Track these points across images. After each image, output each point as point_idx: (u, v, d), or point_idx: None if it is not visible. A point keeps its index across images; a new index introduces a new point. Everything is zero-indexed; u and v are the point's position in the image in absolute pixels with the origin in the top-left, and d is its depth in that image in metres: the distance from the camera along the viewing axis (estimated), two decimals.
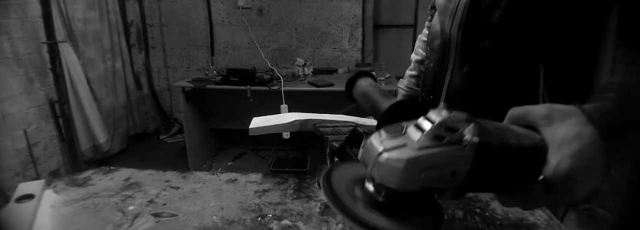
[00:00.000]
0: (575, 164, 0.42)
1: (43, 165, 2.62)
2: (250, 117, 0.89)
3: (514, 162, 0.42)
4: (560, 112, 0.47)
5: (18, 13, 2.40)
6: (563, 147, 0.43)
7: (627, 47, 0.55)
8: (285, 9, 3.45)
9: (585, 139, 0.44)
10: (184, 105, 2.88)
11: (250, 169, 3.07)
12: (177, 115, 3.89)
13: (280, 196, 0.73)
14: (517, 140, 0.42)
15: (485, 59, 0.69)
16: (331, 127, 0.79)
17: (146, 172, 0.84)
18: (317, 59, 3.56)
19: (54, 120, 2.69)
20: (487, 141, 0.39)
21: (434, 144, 0.38)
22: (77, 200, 0.71)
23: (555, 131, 0.45)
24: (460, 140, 0.39)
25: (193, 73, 3.59)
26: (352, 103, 0.63)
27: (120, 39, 3.29)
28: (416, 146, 0.38)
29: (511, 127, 0.45)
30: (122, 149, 3.36)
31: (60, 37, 2.65)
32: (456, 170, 0.39)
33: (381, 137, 0.40)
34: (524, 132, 0.44)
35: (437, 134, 0.38)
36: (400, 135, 0.40)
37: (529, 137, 0.44)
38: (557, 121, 0.45)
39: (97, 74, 3.04)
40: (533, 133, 0.45)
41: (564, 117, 0.46)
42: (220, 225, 0.63)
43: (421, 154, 0.38)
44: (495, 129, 0.42)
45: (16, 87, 2.41)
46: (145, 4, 3.59)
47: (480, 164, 0.39)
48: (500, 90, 0.68)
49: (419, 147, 0.38)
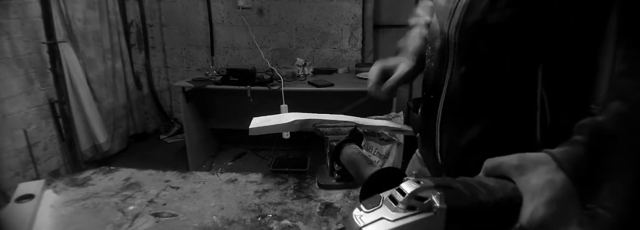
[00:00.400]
0: (549, 211, 0.45)
1: (43, 165, 2.62)
2: (250, 117, 0.89)
3: (487, 216, 0.46)
4: (531, 161, 0.49)
5: (18, 13, 2.40)
6: (536, 196, 0.46)
7: (627, 48, 0.55)
8: (285, 9, 3.45)
9: (557, 185, 0.47)
10: (184, 105, 2.88)
11: (250, 169, 3.07)
12: (177, 115, 3.89)
13: (280, 196, 0.73)
14: (488, 196, 0.46)
15: (483, 59, 0.69)
16: (331, 127, 0.79)
17: (146, 172, 0.84)
18: (317, 59, 3.56)
19: (54, 120, 2.69)
20: (456, 205, 0.44)
21: (407, 214, 0.42)
22: (77, 200, 0.72)
23: (528, 181, 0.48)
24: (431, 207, 0.43)
25: (193, 73, 3.59)
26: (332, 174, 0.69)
27: (120, 39, 3.29)
28: (391, 218, 0.42)
29: (484, 180, 0.49)
30: (122, 149, 3.36)
31: (60, 37, 2.65)
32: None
33: (360, 212, 0.44)
34: (497, 184, 0.48)
35: (409, 204, 0.43)
36: (377, 208, 0.44)
37: (502, 189, 0.48)
38: (528, 171, 0.48)
39: (97, 74, 3.04)
40: (506, 183, 0.49)
41: (534, 165, 0.49)
42: (220, 225, 0.63)
43: (396, 226, 0.42)
44: (466, 188, 0.46)
45: (16, 87, 2.41)
46: (145, 4, 3.59)
47: (453, 226, 0.43)
48: (498, 91, 0.69)
49: (394, 219, 0.42)
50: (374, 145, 2.46)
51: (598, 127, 0.53)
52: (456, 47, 0.71)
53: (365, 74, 3.07)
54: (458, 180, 0.48)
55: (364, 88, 3.23)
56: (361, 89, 2.80)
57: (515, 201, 0.46)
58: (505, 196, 0.46)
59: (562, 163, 0.49)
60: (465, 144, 0.73)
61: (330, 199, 0.90)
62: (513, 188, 0.48)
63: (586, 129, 0.53)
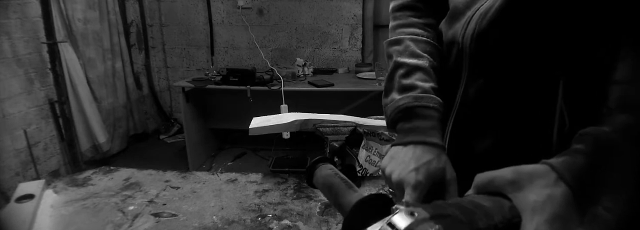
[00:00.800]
0: (551, 228, 0.42)
1: (43, 165, 2.62)
2: (250, 117, 0.89)
3: None
4: (527, 174, 0.46)
5: (18, 13, 2.40)
6: (536, 214, 0.43)
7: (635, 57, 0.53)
8: (285, 9, 3.45)
9: (557, 200, 0.44)
10: (184, 105, 2.88)
11: (250, 169, 3.07)
12: (177, 115, 3.89)
13: (280, 196, 0.73)
14: (487, 221, 0.42)
15: (502, 71, 0.65)
16: (331, 127, 0.79)
17: (146, 172, 0.84)
18: (317, 59, 3.56)
19: (54, 120, 2.69)
20: None
21: None
22: (77, 200, 0.72)
23: (525, 197, 0.44)
24: None
25: (193, 73, 3.59)
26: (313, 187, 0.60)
27: (120, 39, 3.29)
28: None
29: (478, 200, 0.45)
30: (122, 149, 3.36)
31: (60, 37, 2.65)
32: None
33: None
34: (493, 204, 0.44)
35: None
36: None
37: (499, 211, 0.44)
38: (525, 186, 0.45)
39: (97, 74, 3.04)
40: (502, 202, 0.45)
41: (531, 179, 0.45)
42: (220, 225, 0.63)
43: None
44: (462, 213, 0.42)
45: (16, 87, 2.41)
46: (145, 4, 3.59)
47: None
48: (516, 103, 0.65)
49: None
50: (373, 145, 2.45)
51: (604, 137, 0.50)
52: (470, 58, 0.67)
53: (366, 74, 3.07)
54: (451, 203, 0.44)
55: (364, 88, 3.23)
56: (361, 89, 2.80)
57: (514, 221, 0.43)
58: (504, 218, 0.43)
59: (563, 174, 0.46)
60: (476, 155, 0.69)
61: None
62: (510, 207, 0.44)
63: (589, 139, 0.50)
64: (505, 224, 0.43)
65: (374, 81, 2.78)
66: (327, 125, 0.80)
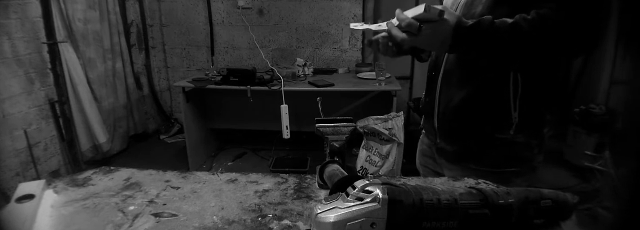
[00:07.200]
0: (425, 36, 0.82)
1: (43, 165, 2.62)
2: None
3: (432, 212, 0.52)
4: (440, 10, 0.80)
5: (18, 13, 2.40)
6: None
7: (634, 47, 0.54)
8: (285, 9, 3.45)
9: (441, 29, 0.81)
10: (184, 105, 2.88)
11: (250, 169, 3.07)
12: (177, 115, 3.89)
13: (280, 196, 0.73)
14: (432, 195, 0.53)
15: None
16: (331, 127, 0.79)
17: (146, 172, 0.83)
18: (317, 59, 3.56)
19: (54, 120, 2.69)
20: (398, 198, 0.51)
21: (355, 203, 0.51)
22: (78, 200, 0.71)
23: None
24: (376, 198, 0.51)
25: (193, 73, 3.59)
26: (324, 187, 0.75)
27: (120, 39, 3.29)
28: (342, 207, 0.51)
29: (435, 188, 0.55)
30: (122, 149, 3.36)
31: (61, 37, 2.65)
32: (374, 221, 0.50)
33: (320, 205, 0.53)
34: (446, 189, 0.55)
35: (358, 196, 0.52)
36: (334, 201, 0.53)
37: (449, 193, 0.54)
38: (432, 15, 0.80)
39: (97, 74, 3.04)
40: (454, 189, 0.55)
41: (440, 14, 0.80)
42: (221, 225, 0.63)
43: (344, 211, 0.51)
44: (413, 188, 0.54)
45: (16, 87, 2.41)
46: (145, 4, 3.59)
47: (394, 216, 0.51)
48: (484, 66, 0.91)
49: (344, 207, 0.51)
50: (374, 145, 2.45)
51: (521, 16, 0.76)
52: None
53: (366, 74, 3.07)
54: (410, 184, 0.55)
55: (364, 88, 3.22)
56: (361, 89, 2.80)
57: (459, 203, 0.52)
58: (451, 197, 0.53)
59: (461, 21, 0.80)
60: (456, 105, 0.96)
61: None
62: (460, 193, 0.54)
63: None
64: (450, 202, 0.52)
65: (374, 81, 2.77)
66: (327, 125, 0.80)
